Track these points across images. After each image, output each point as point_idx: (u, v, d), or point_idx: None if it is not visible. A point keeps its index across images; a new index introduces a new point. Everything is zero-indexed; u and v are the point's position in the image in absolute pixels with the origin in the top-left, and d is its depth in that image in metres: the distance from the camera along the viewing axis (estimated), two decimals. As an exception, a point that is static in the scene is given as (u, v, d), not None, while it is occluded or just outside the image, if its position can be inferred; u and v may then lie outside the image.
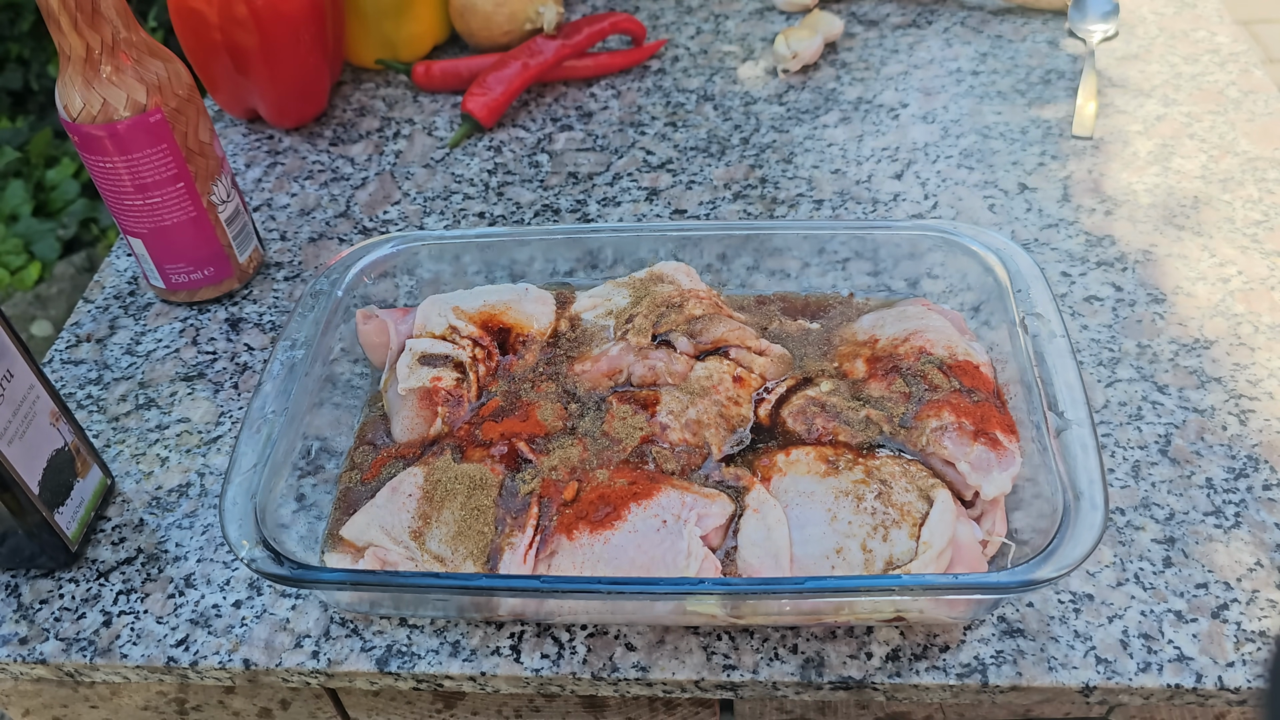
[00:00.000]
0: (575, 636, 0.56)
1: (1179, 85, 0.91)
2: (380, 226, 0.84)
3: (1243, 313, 0.70)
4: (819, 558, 0.52)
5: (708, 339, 0.62)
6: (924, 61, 0.97)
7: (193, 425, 0.69)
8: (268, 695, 0.62)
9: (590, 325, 0.65)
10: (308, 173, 0.91)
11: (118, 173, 0.69)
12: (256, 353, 0.74)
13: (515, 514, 0.55)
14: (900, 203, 0.82)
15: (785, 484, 0.55)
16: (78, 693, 0.62)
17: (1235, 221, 0.77)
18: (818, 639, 0.55)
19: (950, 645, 0.54)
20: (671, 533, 0.53)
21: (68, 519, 0.60)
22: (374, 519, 0.56)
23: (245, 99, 0.93)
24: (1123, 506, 0.60)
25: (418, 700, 0.61)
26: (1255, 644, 0.53)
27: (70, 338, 0.77)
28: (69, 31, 0.64)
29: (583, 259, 0.70)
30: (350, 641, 0.56)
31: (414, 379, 0.61)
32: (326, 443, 0.62)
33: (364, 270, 0.67)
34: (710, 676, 0.54)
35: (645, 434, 0.58)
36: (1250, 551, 0.57)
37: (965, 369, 0.59)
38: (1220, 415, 0.64)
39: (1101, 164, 0.84)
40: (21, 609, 0.59)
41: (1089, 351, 0.68)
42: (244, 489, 0.54)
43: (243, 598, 0.59)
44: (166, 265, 0.75)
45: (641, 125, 0.93)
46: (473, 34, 0.99)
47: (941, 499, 0.53)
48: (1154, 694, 0.52)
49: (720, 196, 0.84)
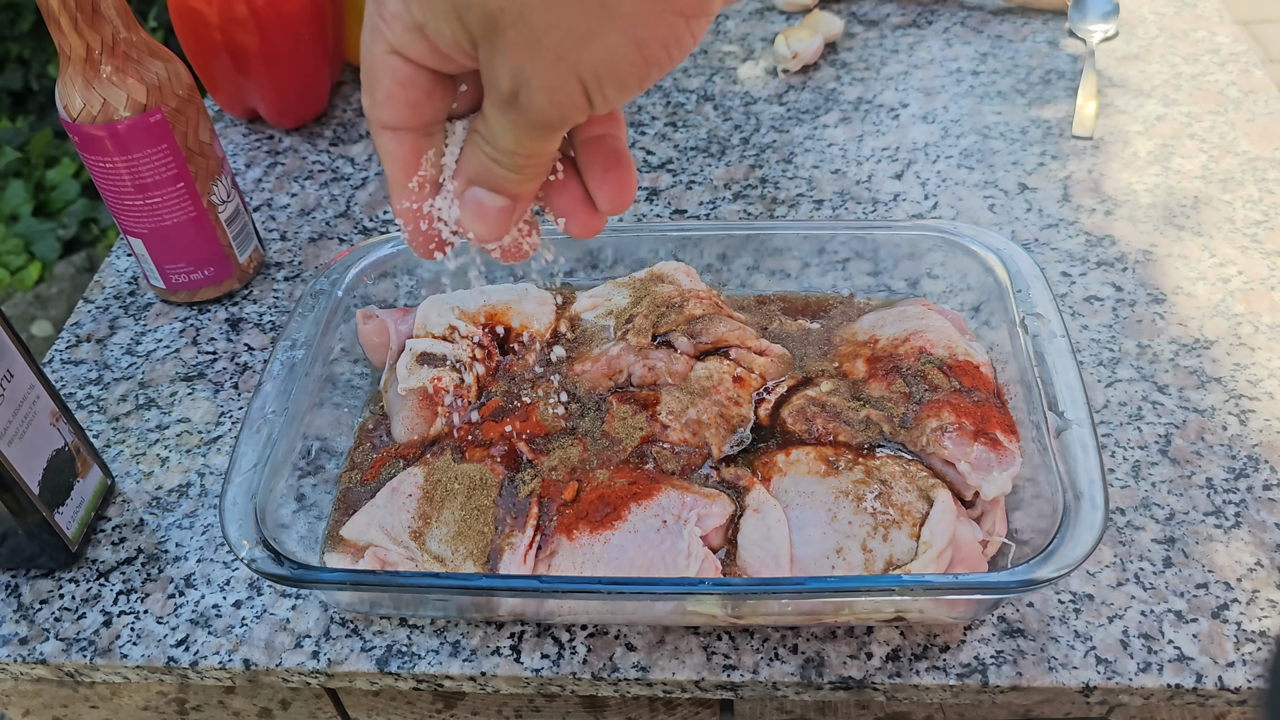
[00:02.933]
0: (575, 636, 0.56)
1: (1179, 85, 0.91)
2: (380, 226, 0.84)
3: (1243, 313, 0.70)
4: (819, 558, 0.52)
5: (708, 339, 0.62)
6: (924, 61, 0.97)
7: (193, 425, 0.69)
8: (268, 695, 0.62)
9: (590, 325, 0.65)
10: (308, 173, 0.91)
11: (118, 173, 0.69)
12: (256, 353, 0.74)
13: (515, 514, 0.55)
14: (900, 203, 0.82)
15: (785, 484, 0.55)
16: (78, 693, 0.62)
17: (1235, 221, 0.77)
18: (818, 639, 0.55)
19: (950, 645, 0.54)
20: (671, 533, 0.53)
21: (68, 519, 0.60)
22: (374, 519, 0.56)
23: (245, 99, 0.93)
24: (1123, 506, 0.60)
25: (418, 700, 0.61)
26: (1255, 644, 0.53)
27: (70, 338, 0.77)
28: (69, 31, 0.64)
29: (583, 259, 0.70)
30: (350, 641, 0.56)
31: (414, 379, 0.61)
32: (326, 443, 0.62)
33: (364, 270, 0.67)
34: (710, 676, 0.54)
35: (645, 434, 0.58)
36: (1250, 551, 0.57)
37: (965, 369, 0.59)
38: (1220, 415, 0.64)
39: (1101, 164, 0.84)
40: (21, 609, 0.59)
41: (1089, 351, 0.69)
42: (244, 489, 0.54)
43: (243, 598, 0.59)
44: (166, 265, 0.75)
45: (641, 125, 0.93)
46: (473, 34, 0.99)
47: (942, 499, 0.53)
48: (1154, 694, 0.52)
49: (720, 196, 0.84)
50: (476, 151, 0.39)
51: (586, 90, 0.35)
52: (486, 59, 0.35)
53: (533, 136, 0.37)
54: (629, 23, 0.33)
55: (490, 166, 0.39)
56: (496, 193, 0.39)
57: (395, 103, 0.38)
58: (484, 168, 0.39)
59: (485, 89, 0.36)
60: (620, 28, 0.33)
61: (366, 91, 0.38)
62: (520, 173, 0.39)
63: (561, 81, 0.34)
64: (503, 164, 0.38)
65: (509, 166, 0.38)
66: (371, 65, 0.37)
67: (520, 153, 0.38)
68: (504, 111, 0.36)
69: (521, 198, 0.40)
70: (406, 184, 0.40)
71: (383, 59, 0.37)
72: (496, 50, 0.34)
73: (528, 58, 0.34)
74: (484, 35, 0.34)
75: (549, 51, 0.33)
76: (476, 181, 0.39)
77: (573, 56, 0.33)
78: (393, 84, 0.37)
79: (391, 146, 0.39)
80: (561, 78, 0.34)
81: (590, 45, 0.33)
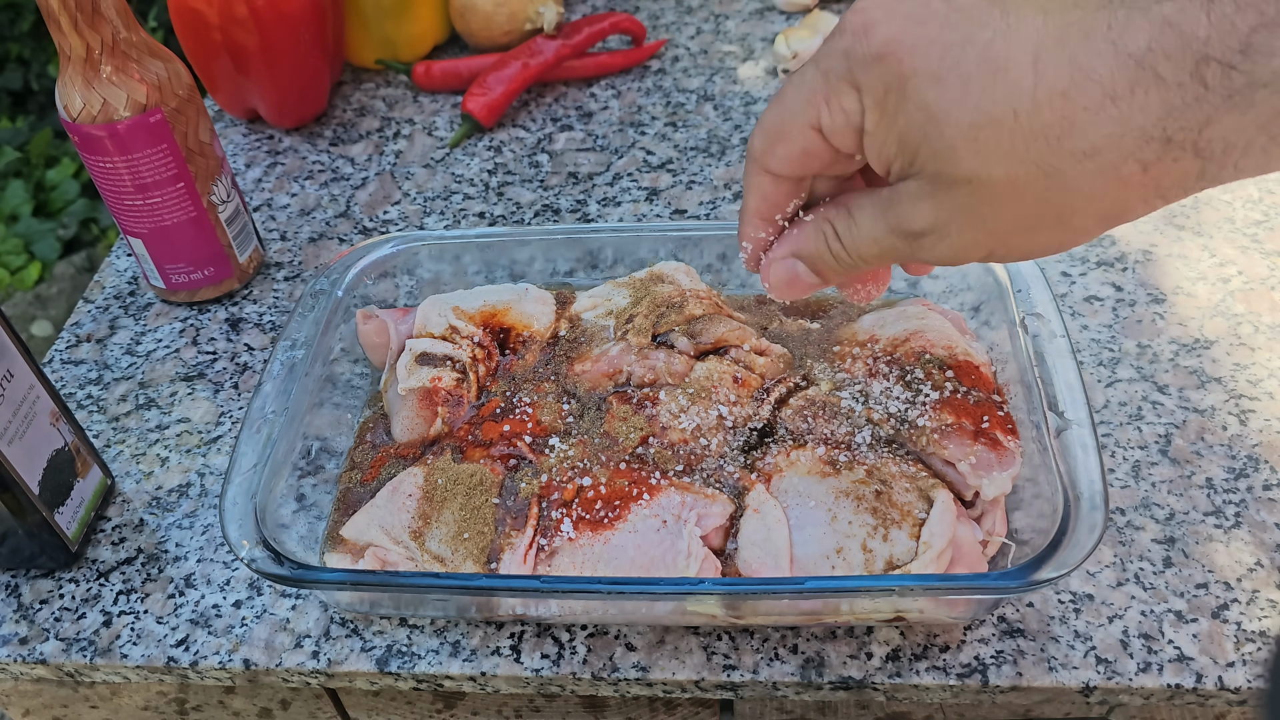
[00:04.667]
0: (575, 636, 0.56)
1: (1179, 85, 0.91)
2: (380, 226, 0.84)
3: (1243, 313, 0.70)
4: (819, 558, 0.52)
5: (708, 339, 0.62)
6: (924, 61, 0.97)
7: (193, 425, 0.69)
8: (268, 695, 0.62)
9: (590, 325, 0.65)
10: (308, 173, 0.91)
11: (118, 173, 0.69)
12: (256, 353, 0.74)
13: (515, 514, 0.55)
14: (900, 203, 0.82)
15: (785, 484, 0.55)
16: (78, 693, 0.62)
17: (1235, 221, 0.77)
18: (818, 639, 0.55)
19: (950, 645, 0.54)
20: (671, 533, 0.53)
21: (68, 519, 0.60)
22: (374, 519, 0.56)
23: (245, 99, 0.93)
24: (1123, 506, 0.60)
25: (418, 700, 0.61)
26: (1255, 644, 0.53)
27: (70, 338, 0.77)
28: (69, 31, 0.64)
29: (583, 259, 0.70)
30: (350, 641, 0.56)
31: (414, 379, 0.61)
32: (326, 443, 0.62)
33: (364, 270, 0.67)
34: (710, 676, 0.54)
35: (645, 434, 0.58)
36: (1250, 551, 0.57)
37: (965, 369, 0.59)
38: (1220, 415, 0.64)
39: (1101, 164, 0.84)
40: (21, 609, 0.59)
41: (1089, 351, 0.69)
42: (244, 489, 0.54)
43: (243, 598, 0.59)
44: (166, 265, 0.75)
45: (641, 125, 0.93)
46: (473, 34, 0.99)
47: (942, 499, 0.53)
48: (1154, 694, 0.52)
49: (720, 196, 0.84)
50: (819, 234, 0.41)
51: (989, 256, 0.37)
52: (913, 194, 0.36)
53: (892, 257, 0.39)
54: (1071, 235, 0.35)
55: (824, 252, 0.41)
56: (815, 273, 0.42)
57: (792, 163, 0.40)
58: (818, 251, 0.41)
59: (879, 203, 0.38)
60: (1060, 236, 0.35)
61: (767, 139, 0.40)
62: (848, 271, 0.42)
63: (975, 246, 0.36)
64: (839, 259, 0.41)
65: (843, 262, 0.41)
66: (787, 126, 0.39)
67: (866, 259, 0.40)
68: (887, 230, 0.38)
69: (828, 282, 0.43)
70: (766, 218, 0.43)
71: (803, 130, 0.39)
72: (931, 198, 0.36)
73: (962, 221, 0.36)
74: (932, 184, 0.36)
75: (984, 225, 0.35)
76: (803, 257, 0.42)
77: (1002, 235, 0.36)
78: (801, 152, 0.39)
79: (768, 189, 0.42)
80: (979, 244, 0.36)
81: (1022, 235, 0.36)
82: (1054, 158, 0.33)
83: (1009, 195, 0.34)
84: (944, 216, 0.36)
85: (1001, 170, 0.33)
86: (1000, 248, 0.36)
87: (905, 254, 0.39)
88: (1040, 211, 0.34)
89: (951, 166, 0.34)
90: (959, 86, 0.33)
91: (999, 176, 0.34)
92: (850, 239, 0.40)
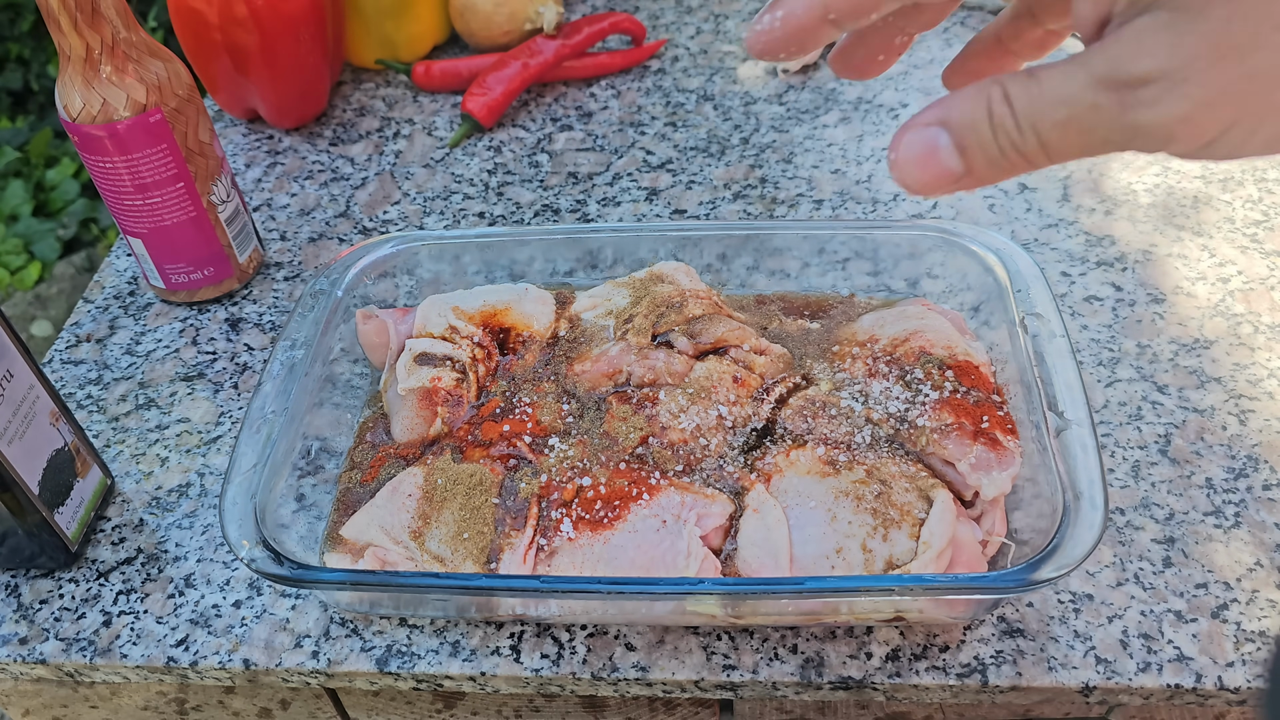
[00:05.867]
0: (575, 636, 0.56)
1: (1179, 85, 0.91)
2: (380, 226, 0.84)
3: (1243, 313, 0.70)
4: (819, 558, 0.52)
5: (708, 339, 0.62)
6: (924, 62, 0.97)
7: (193, 425, 0.69)
8: (268, 695, 0.62)
9: (590, 325, 0.65)
10: (308, 173, 0.91)
11: (118, 173, 0.69)
12: (256, 353, 0.74)
13: (515, 514, 0.55)
14: (900, 203, 0.82)
15: (785, 484, 0.55)
16: (78, 693, 0.62)
17: (1235, 221, 0.77)
18: (818, 639, 0.55)
19: (950, 645, 0.54)
20: (671, 533, 0.53)
21: (68, 519, 0.60)
22: (374, 519, 0.56)
23: (245, 99, 0.93)
24: (1123, 506, 0.60)
25: (418, 700, 0.61)
26: (1255, 644, 0.53)
27: (70, 338, 0.77)
28: (69, 31, 0.64)
29: (583, 259, 0.70)
30: (350, 641, 0.56)
31: (414, 379, 0.61)
32: (326, 443, 0.62)
33: (364, 270, 0.67)
34: (710, 676, 0.54)
35: (645, 434, 0.58)
36: (1250, 551, 0.57)
37: (965, 369, 0.59)
38: (1220, 415, 0.64)
39: (1101, 164, 0.84)
40: (21, 609, 0.59)
41: (1089, 351, 0.69)
42: (244, 489, 0.54)
43: (243, 598, 0.59)
44: (166, 265, 0.75)
45: (641, 125, 0.93)
46: (473, 34, 0.99)
47: (941, 499, 0.53)
48: (1154, 694, 0.52)
49: (720, 196, 0.84)
50: (981, 96, 0.29)
51: (1226, 134, 0.27)
52: (1142, 29, 0.27)
53: (1082, 128, 0.28)
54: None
55: (982, 120, 0.30)
56: (961, 153, 0.30)
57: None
58: (975, 118, 0.30)
59: (1077, 57, 0.28)
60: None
61: None
62: (1007, 157, 0.30)
63: (1216, 107, 0.27)
64: (1004, 130, 0.29)
65: (1008, 137, 0.29)
66: None
67: (1043, 133, 0.29)
68: (1090, 81, 0.28)
69: (974, 177, 0.31)
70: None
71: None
72: (1170, 29, 0.27)
73: (1209, 61, 0.26)
74: (1177, 11, 0.27)
75: (1241, 68, 0.26)
76: (951, 126, 0.30)
77: (1263, 91, 0.26)
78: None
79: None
80: (1225, 100, 0.27)
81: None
82: None
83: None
84: (1184, 54, 0.26)
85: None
86: (1249, 118, 0.27)
87: (1108, 119, 0.28)
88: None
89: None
90: None
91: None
92: (1028, 99, 0.29)
